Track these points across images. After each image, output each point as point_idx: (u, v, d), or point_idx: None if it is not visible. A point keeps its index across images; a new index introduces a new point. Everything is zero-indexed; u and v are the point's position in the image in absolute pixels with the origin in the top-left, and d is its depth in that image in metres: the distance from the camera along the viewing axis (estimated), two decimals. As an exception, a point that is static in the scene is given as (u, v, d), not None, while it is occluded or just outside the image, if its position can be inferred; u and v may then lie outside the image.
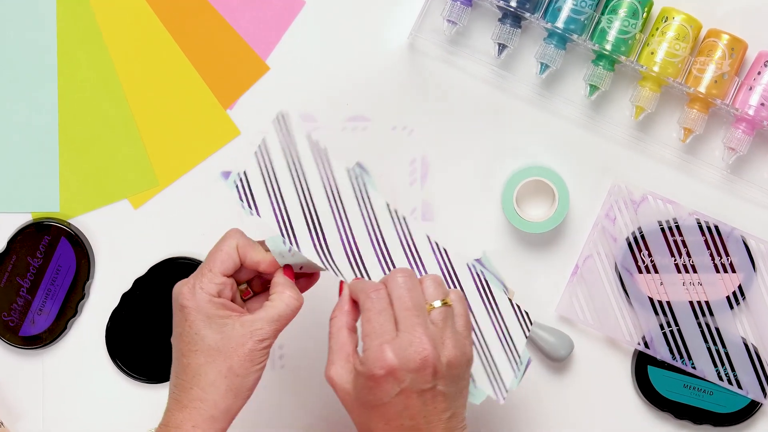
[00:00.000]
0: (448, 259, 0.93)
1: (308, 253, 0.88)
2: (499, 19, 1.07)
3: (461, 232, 1.10)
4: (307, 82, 1.10)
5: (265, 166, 0.90)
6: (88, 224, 1.11)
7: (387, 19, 1.10)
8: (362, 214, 0.91)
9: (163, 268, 1.10)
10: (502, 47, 1.07)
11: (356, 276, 0.90)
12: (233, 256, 0.88)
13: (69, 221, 1.10)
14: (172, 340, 0.89)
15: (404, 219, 0.92)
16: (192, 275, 0.87)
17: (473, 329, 0.89)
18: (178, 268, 1.10)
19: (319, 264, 0.88)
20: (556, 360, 1.09)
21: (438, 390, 0.82)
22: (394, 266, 0.91)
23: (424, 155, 1.10)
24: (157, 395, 1.11)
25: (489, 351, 0.91)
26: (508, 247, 1.10)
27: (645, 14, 1.06)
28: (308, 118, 1.10)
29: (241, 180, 0.88)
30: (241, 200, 0.87)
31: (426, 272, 0.91)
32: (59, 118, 1.10)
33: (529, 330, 0.93)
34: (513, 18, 1.06)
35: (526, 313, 0.94)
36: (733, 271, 1.08)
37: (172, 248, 1.11)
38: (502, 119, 1.10)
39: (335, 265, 0.89)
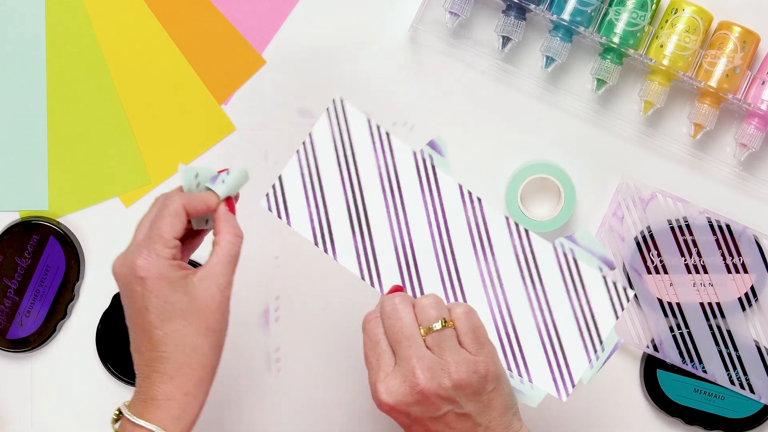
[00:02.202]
0: (528, 243, 0.89)
1: (347, 260, 0.86)
2: (503, 11, 1.07)
3: None
4: (304, 76, 1.10)
5: (308, 166, 0.88)
6: (78, 223, 1.10)
7: (387, 10, 1.10)
8: (426, 205, 0.88)
9: None
10: (506, 40, 1.07)
11: (402, 283, 0.87)
12: (182, 216, 0.86)
13: (58, 220, 1.10)
14: (129, 319, 0.86)
15: (479, 201, 0.89)
16: (135, 246, 0.85)
17: (544, 316, 0.87)
18: None
19: (357, 274, 0.87)
20: None
21: (456, 412, 0.82)
22: (455, 267, 0.88)
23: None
24: None
25: (559, 341, 0.88)
26: None
27: (654, 6, 1.06)
28: (306, 114, 1.10)
29: (273, 188, 0.87)
30: (270, 210, 0.86)
31: (495, 264, 0.88)
32: (48, 113, 1.09)
33: (623, 309, 0.88)
34: (517, 10, 1.06)
35: (624, 290, 0.89)
36: (746, 271, 1.07)
37: None
38: (505, 114, 1.10)
39: (379, 274, 0.87)
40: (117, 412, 0.85)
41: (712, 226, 1.07)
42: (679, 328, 1.08)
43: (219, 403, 1.09)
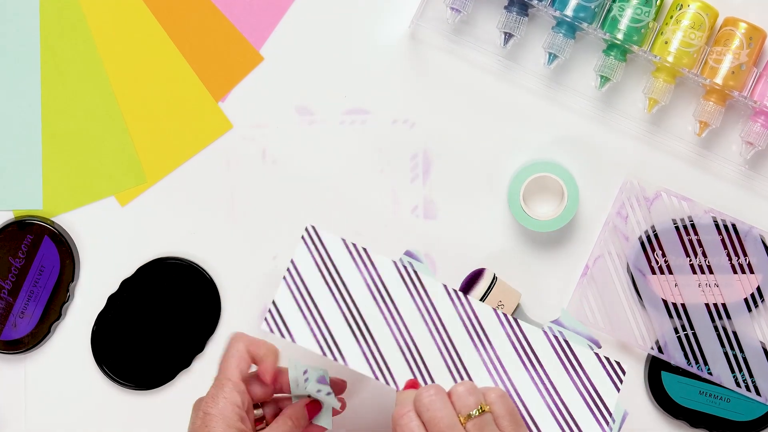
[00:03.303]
0: (520, 330, 0.93)
1: (358, 365, 0.90)
2: (505, 7, 1.07)
3: (465, 231, 1.10)
4: (303, 73, 1.10)
5: (297, 289, 0.91)
6: (73, 223, 1.10)
7: (387, 6, 1.10)
8: (417, 307, 0.92)
9: (151, 268, 1.09)
10: (508, 36, 1.07)
11: (414, 377, 0.91)
12: (245, 357, 0.91)
13: (52, 219, 1.10)
14: None
15: (466, 299, 0.93)
16: (212, 388, 0.89)
17: (552, 396, 0.91)
18: (167, 268, 1.09)
19: (370, 375, 0.90)
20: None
21: None
22: (458, 356, 0.92)
23: (426, 150, 1.10)
24: (146, 403, 1.11)
25: (572, 418, 0.91)
26: (515, 247, 1.10)
27: (659, 1, 1.06)
28: (304, 111, 1.10)
29: (270, 312, 0.90)
30: (272, 332, 0.90)
31: (495, 351, 0.92)
32: (42, 110, 1.09)
33: (621, 382, 0.93)
34: (519, 6, 1.06)
35: (617, 364, 0.93)
36: (752, 271, 1.07)
37: (160, 248, 1.10)
38: (508, 112, 1.10)
39: (391, 372, 0.90)
40: None
41: (717, 226, 1.07)
42: (684, 329, 1.08)
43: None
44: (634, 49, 1.04)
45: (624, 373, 0.92)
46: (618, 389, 0.92)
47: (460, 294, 0.93)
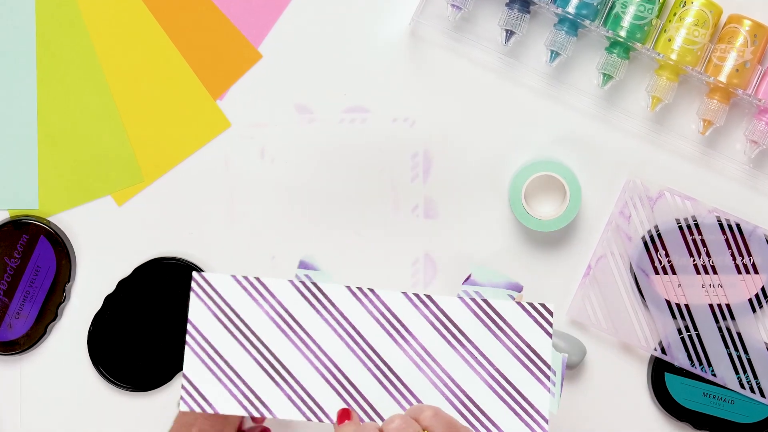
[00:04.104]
0: (436, 307, 0.90)
1: (286, 412, 0.87)
2: (507, 4, 1.07)
3: (466, 231, 1.10)
4: (302, 70, 1.10)
5: (203, 350, 0.88)
6: (69, 222, 1.10)
7: (387, 3, 1.09)
8: (328, 323, 0.89)
9: (148, 269, 1.09)
10: (509, 34, 1.07)
11: (347, 404, 0.88)
12: None
13: (48, 219, 1.10)
14: None
15: (372, 291, 0.90)
16: None
17: (486, 370, 0.88)
18: (165, 268, 1.09)
19: (301, 419, 0.87)
20: (568, 367, 1.08)
21: None
22: (383, 363, 0.88)
23: (426, 149, 1.10)
24: (142, 405, 1.11)
25: (512, 386, 0.89)
26: (516, 247, 1.10)
27: None
28: (303, 110, 1.10)
29: (184, 388, 0.87)
30: (191, 408, 0.86)
31: (418, 342, 0.89)
32: (38, 109, 1.09)
33: (551, 325, 0.89)
34: (521, 2, 1.06)
35: (542, 306, 0.90)
36: (756, 272, 1.07)
37: (158, 248, 1.10)
38: (509, 110, 1.09)
39: (321, 408, 0.87)
40: None
41: (721, 225, 1.07)
42: (687, 330, 1.07)
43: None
44: (637, 47, 1.04)
45: (551, 314, 0.89)
46: (549, 334, 0.89)
47: (366, 290, 0.89)
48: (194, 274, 0.87)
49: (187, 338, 0.87)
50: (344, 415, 0.86)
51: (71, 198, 1.09)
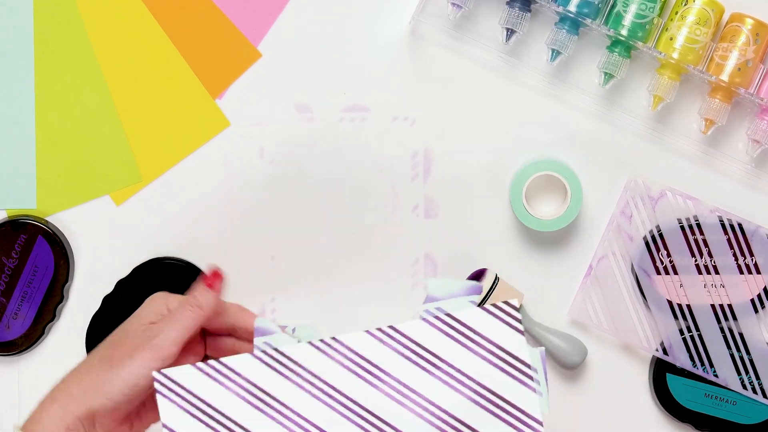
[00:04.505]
0: (401, 335, 0.87)
1: None
2: (507, 3, 1.06)
3: (466, 231, 1.10)
4: (301, 69, 1.10)
5: None
6: (67, 222, 1.10)
7: (387, 2, 1.09)
8: (304, 389, 0.85)
9: (147, 269, 1.09)
10: (510, 33, 1.07)
11: None
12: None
13: (46, 219, 1.10)
14: None
15: (334, 340, 0.86)
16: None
17: (468, 387, 0.85)
18: (163, 269, 1.09)
19: None
20: (569, 367, 1.08)
21: None
22: (365, 410, 0.85)
23: (426, 148, 1.10)
24: None
25: (498, 397, 0.87)
26: (517, 247, 1.10)
27: None
28: (303, 109, 1.10)
29: None
30: None
31: (394, 378, 0.86)
32: (36, 108, 1.09)
33: (520, 321, 0.87)
34: (522, 1, 1.06)
35: (507, 304, 0.87)
36: (758, 272, 1.07)
37: (156, 248, 1.10)
38: (509, 110, 1.09)
39: None
40: None
41: (723, 225, 1.07)
42: (689, 330, 1.07)
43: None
44: (639, 46, 1.04)
45: (517, 309, 0.86)
46: (521, 332, 0.86)
47: (329, 341, 0.86)
48: (154, 373, 0.82)
49: None
50: None
51: (69, 198, 1.09)
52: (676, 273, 1.07)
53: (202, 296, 0.82)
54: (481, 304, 1.02)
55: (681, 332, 1.07)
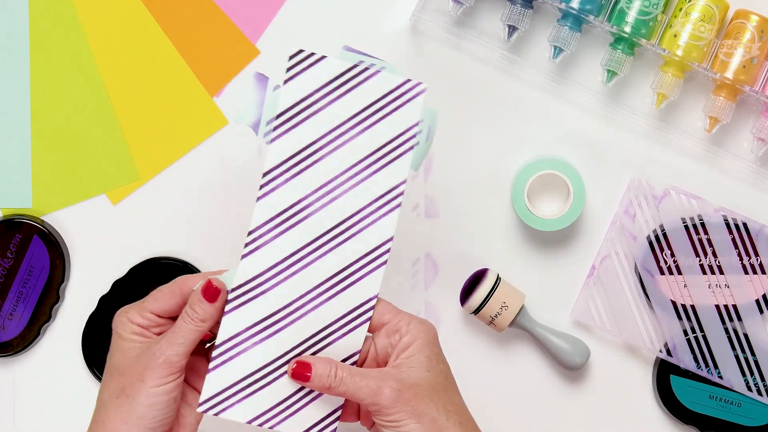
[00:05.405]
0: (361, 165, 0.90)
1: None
2: None
3: (467, 231, 1.10)
4: None
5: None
6: (63, 222, 1.10)
7: None
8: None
9: (144, 269, 1.09)
10: (512, 29, 1.07)
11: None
12: (174, 293, 0.89)
13: (42, 218, 1.10)
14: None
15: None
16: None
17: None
18: (160, 269, 1.09)
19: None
20: (571, 368, 1.08)
21: None
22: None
23: None
24: None
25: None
26: (519, 247, 1.10)
27: None
28: None
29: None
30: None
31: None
32: (31, 106, 1.09)
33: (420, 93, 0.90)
34: None
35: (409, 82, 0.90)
36: (763, 272, 1.07)
37: (153, 248, 1.10)
38: (511, 108, 1.09)
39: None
40: None
41: (728, 225, 1.07)
42: (693, 331, 1.07)
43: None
44: (642, 43, 1.04)
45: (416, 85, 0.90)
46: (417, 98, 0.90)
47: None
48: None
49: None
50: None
51: (65, 197, 1.09)
52: (680, 273, 1.06)
53: (203, 311, 0.86)
54: (482, 305, 1.03)
55: (685, 333, 1.07)
